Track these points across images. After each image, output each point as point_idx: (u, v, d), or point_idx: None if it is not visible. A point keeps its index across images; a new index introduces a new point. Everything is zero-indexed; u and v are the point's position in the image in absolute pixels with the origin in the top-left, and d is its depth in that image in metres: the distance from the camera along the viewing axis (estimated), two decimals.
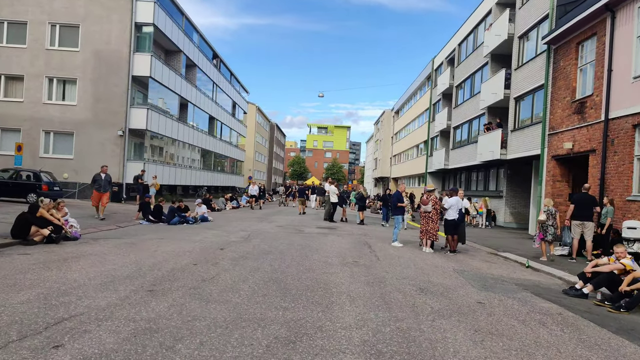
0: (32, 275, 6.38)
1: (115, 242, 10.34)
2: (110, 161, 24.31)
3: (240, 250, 9.73)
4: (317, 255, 9.53)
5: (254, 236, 12.57)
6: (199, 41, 34.82)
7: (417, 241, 13.63)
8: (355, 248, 11.18)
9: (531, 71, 19.99)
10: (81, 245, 9.66)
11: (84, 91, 24.71)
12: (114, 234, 12.18)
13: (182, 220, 15.87)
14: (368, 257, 9.69)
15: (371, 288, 6.60)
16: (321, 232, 14.66)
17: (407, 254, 10.69)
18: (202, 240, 11.15)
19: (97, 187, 15.20)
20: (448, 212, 11.79)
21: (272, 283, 6.57)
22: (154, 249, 9.35)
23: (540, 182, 18.30)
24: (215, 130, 40.34)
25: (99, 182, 15.21)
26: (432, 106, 39.62)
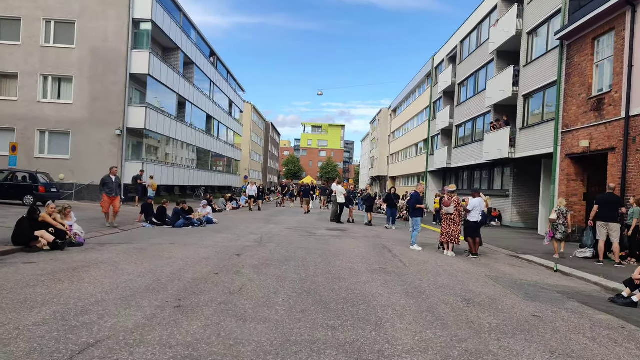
0: (43, 289, 5.79)
1: (124, 247, 9.74)
2: (108, 161, 23.62)
3: (258, 256, 9.17)
4: (339, 261, 8.99)
5: (267, 240, 12.01)
6: (197, 38, 34.13)
7: (433, 243, 13.15)
8: (375, 252, 10.66)
9: (542, 68, 19.57)
10: (88, 251, 9.06)
11: (80, 89, 23.98)
12: (118, 238, 11.57)
13: (187, 223, 15.28)
14: (393, 263, 9.17)
15: (414, 300, 6.07)
16: (334, 235, 14.13)
17: (431, 259, 10.18)
18: (214, 245, 10.57)
19: (107, 190, 13.78)
20: (471, 213, 11.31)
21: (306, 295, 6.03)
22: (167, 256, 8.77)
23: (554, 182, 17.89)
24: (212, 129, 39.67)
25: (109, 186, 13.80)
26: (432, 104, 39.19)
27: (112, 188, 13.78)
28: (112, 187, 13.78)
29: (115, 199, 13.86)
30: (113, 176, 14.09)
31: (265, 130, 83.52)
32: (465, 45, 31.05)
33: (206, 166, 38.39)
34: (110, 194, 13.73)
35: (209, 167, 39.36)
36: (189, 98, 31.84)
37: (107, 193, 13.72)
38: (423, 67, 43.38)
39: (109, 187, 13.76)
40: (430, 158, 38.01)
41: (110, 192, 13.74)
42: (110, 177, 14.04)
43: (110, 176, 14.06)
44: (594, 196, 16.71)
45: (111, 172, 14.21)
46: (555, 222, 11.91)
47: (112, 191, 13.77)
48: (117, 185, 14.21)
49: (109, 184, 13.80)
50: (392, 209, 18.59)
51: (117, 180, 14.26)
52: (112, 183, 13.84)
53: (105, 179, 13.95)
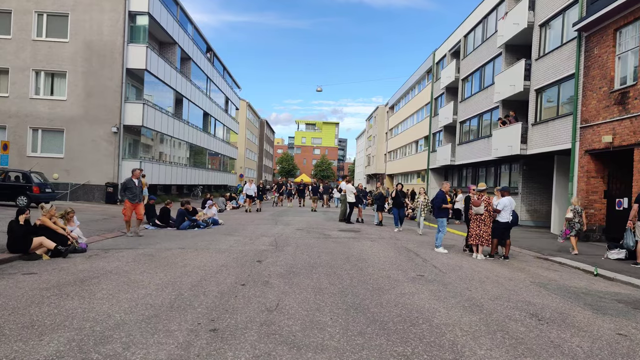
0: (50, 307, 4.97)
1: (131, 254, 8.91)
2: (104, 160, 22.75)
3: (281, 262, 8.39)
4: (370, 268, 8.23)
5: (283, 243, 11.22)
6: (193, 33, 33.18)
7: (453, 244, 12.44)
8: (402, 256, 9.91)
9: (556, 61, 18.92)
10: (92, 259, 8.22)
11: (74, 85, 23.00)
12: (122, 242, 10.73)
13: (192, 224, 14.44)
14: (428, 269, 8.42)
15: (476, 316, 5.32)
16: (349, 237, 13.36)
17: (464, 263, 9.45)
18: (229, 250, 9.76)
19: (130, 196, 12.18)
20: (501, 213, 10.61)
21: (354, 312, 5.26)
22: (181, 263, 7.96)
23: (572, 179, 17.25)
24: (209, 126, 38.75)
25: (132, 190, 12.22)
26: (433, 100, 38.53)
27: (136, 193, 12.25)
28: (136, 192, 12.24)
29: (139, 205, 12.37)
30: (136, 179, 12.43)
31: (260, 128, 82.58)
32: (469, 40, 30.37)
33: (203, 164, 37.47)
34: (133, 199, 12.21)
35: (206, 165, 38.44)
36: (186, 94, 30.91)
37: (130, 199, 12.16)
38: (423, 63, 42.70)
39: (131, 192, 12.21)
40: (432, 155, 37.36)
41: (133, 198, 12.21)
42: (132, 180, 12.37)
43: (132, 179, 12.40)
44: (615, 194, 16.22)
45: (134, 175, 12.50)
46: (571, 220, 12.25)
47: (135, 197, 12.25)
48: (140, 190, 12.72)
49: (132, 188, 12.26)
50: (398, 209, 16.74)
51: (140, 184, 12.71)
52: (135, 187, 12.29)
53: (127, 183, 12.36)
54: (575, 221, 12.21)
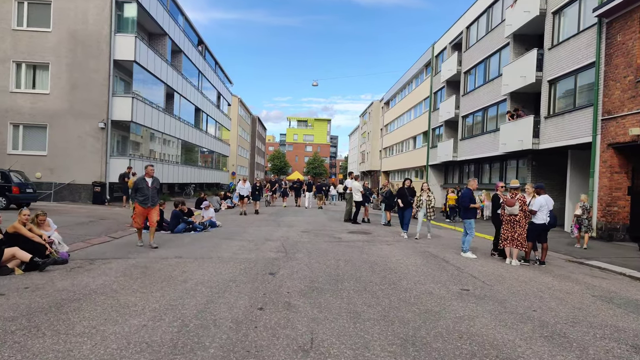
0: (13, 350, 3.70)
1: (121, 265, 7.63)
2: (90, 157, 21.33)
3: (297, 274, 7.16)
4: (404, 281, 7.03)
5: (292, 249, 9.98)
6: (184, 24, 31.70)
7: (474, 247, 11.29)
8: (431, 264, 8.73)
9: (573, 49, 17.85)
10: (75, 272, 6.93)
11: (58, 78, 21.50)
12: (110, 249, 9.43)
13: (188, 227, 13.15)
14: (469, 281, 7.25)
15: (572, 354, 4.14)
16: (363, 240, 12.16)
17: (502, 272, 8.29)
18: (234, 259, 8.51)
19: (141, 198, 9.86)
20: (537, 214, 9.47)
21: (415, 350, 4.06)
22: (181, 278, 6.70)
23: (592, 174, 16.21)
24: (201, 123, 37.28)
25: (143, 192, 9.86)
26: (432, 95, 37.44)
27: (147, 195, 9.87)
28: (147, 194, 9.87)
29: (152, 210, 10.04)
30: (149, 178, 10.06)
31: (252, 125, 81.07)
32: (472, 31, 29.27)
33: (195, 162, 36.04)
34: (145, 203, 9.87)
35: (198, 163, 37.02)
36: (177, 89, 29.46)
37: (141, 202, 9.85)
38: (421, 57, 41.58)
39: (142, 194, 9.84)
40: (432, 151, 36.29)
41: (145, 201, 9.87)
42: (144, 179, 10.03)
43: (145, 178, 10.05)
44: None
45: (147, 173, 10.11)
46: (580, 217, 12.67)
47: (147, 199, 9.88)
48: (156, 191, 10.16)
49: (143, 189, 9.88)
50: (404, 209, 13.56)
51: (155, 183, 10.18)
52: (148, 188, 9.93)
53: (138, 183, 10.03)
54: (584, 217, 12.55)
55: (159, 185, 10.36)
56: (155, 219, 10.26)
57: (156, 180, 10.28)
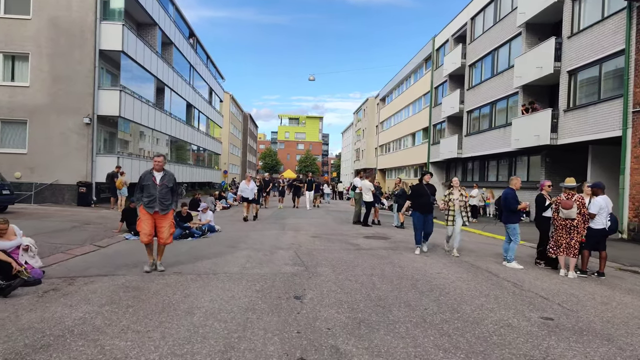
0: None
1: (106, 285, 6.16)
2: (75, 155, 19.70)
3: (331, 299, 5.71)
4: (465, 305, 5.62)
5: (310, 260, 8.53)
6: (175, 15, 30.02)
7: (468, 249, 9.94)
8: (479, 278, 7.36)
9: (597, 37, 16.61)
10: (48, 299, 5.44)
11: (38, 69, 19.81)
12: (95, 263, 7.92)
13: (185, 233, 11.65)
14: (541, 303, 5.88)
15: None
16: (384, 247, 10.75)
17: (569, 288, 6.95)
18: (244, 274, 7.06)
19: (147, 199, 7.22)
20: (595, 218, 8.14)
21: None
22: (184, 306, 5.24)
23: (623, 171, 14.98)
24: (192, 119, 35.61)
25: (150, 190, 7.22)
26: (433, 90, 36.14)
27: (154, 196, 7.18)
28: (154, 195, 7.18)
29: (163, 218, 7.31)
30: (158, 173, 7.36)
31: (244, 122, 79.35)
32: (477, 22, 27.98)
33: (186, 160, 34.38)
34: (151, 206, 7.18)
35: (189, 161, 35.35)
36: (168, 83, 27.80)
37: (147, 205, 7.22)
38: (420, 51, 40.27)
39: (148, 194, 7.22)
40: (434, 148, 35.01)
41: (151, 204, 7.18)
42: (152, 173, 7.35)
43: (152, 172, 7.37)
44: None
45: (155, 165, 7.37)
46: None
47: (153, 201, 7.18)
48: (168, 191, 7.36)
49: (149, 187, 7.24)
50: (427, 214, 9.95)
51: (167, 180, 7.38)
52: (155, 186, 7.22)
53: (143, 179, 7.36)
54: None
55: (172, 184, 7.40)
56: (168, 234, 7.38)
57: (168, 175, 7.43)
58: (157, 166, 7.37)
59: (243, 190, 17.06)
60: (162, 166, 7.41)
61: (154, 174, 7.35)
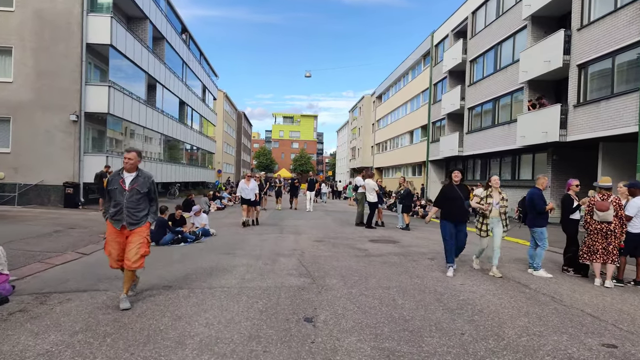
0: None
1: (84, 305, 5.26)
2: (61, 155, 18.72)
3: (349, 322, 4.84)
4: (507, 328, 4.77)
5: (316, 270, 7.65)
6: (167, 9, 29.01)
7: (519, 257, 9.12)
8: (510, 291, 6.52)
9: (609, 29, 15.87)
10: (13, 325, 4.55)
11: (22, 64, 18.80)
12: (75, 274, 7.01)
13: (177, 238, 10.75)
14: (593, 324, 5.05)
15: None
16: (395, 252, 9.90)
17: (614, 302, 6.13)
18: (244, 288, 6.18)
19: (114, 209, 5.49)
20: (632, 220, 7.34)
21: None
22: (174, 333, 4.36)
23: (639, 169, 14.23)
24: (185, 117, 34.59)
25: (116, 197, 5.50)
26: (432, 86, 35.35)
27: (121, 204, 5.43)
28: (121, 202, 5.44)
29: (132, 234, 5.49)
30: (129, 174, 5.58)
31: (238, 121, 78.27)
32: (479, 16, 27.19)
33: (179, 159, 33.37)
34: (117, 219, 5.46)
35: (182, 160, 34.35)
36: (160, 79, 26.80)
37: (112, 217, 5.50)
38: (418, 47, 39.45)
39: (115, 202, 5.50)
40: (433, 146, 34.23)
41: (118, 215, 5.45)
42: (120, 174, 5.60)
43: (121, 173, 5.61)
44: None
45: (124, 165, 5.57)
46: None
47: (120, 211, 5.44)
48: (141, 198, 5.54)
49: (115, 192, 5.51)
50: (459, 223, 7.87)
51: (139, 184, 5.53)
52: (123, 192, 5.47)
53: (110, 181, 5.63)
54: None
55: (147, 188, 5.57)
56: (136, 255, 5.39)
57: (143, 177, 5.59)
58: (128, 165, 5.52)
59: (242, 190, 14.90)
60: (134, 165, 5.57)
61: (123, 176, 5.55)
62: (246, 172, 16.14)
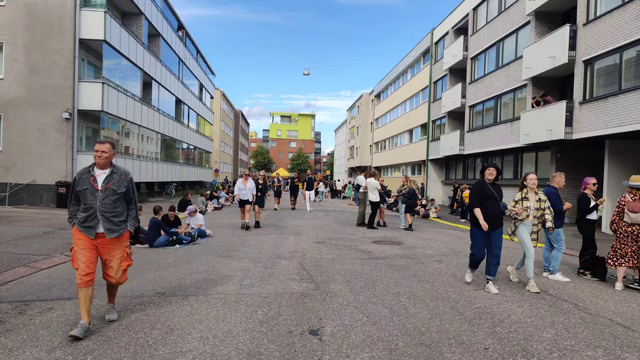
0: None
1: (67, 316, 4.80)
2: (54, 154, 18.20)
3: (358, 335, 4.37)
4: (535, 342, 4.31)
5: (319, 274, 7.19)
6: (162, 5, 28.47)
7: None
8: (530, 299, 6.07)
9: (616, 23, 15.43)
10: None
11: (13, 60, 18.28)
12: (61, 280, 6.53)
13: (172, 240, 10.27)
14: (628, 338, 4.59)
15: None
16: (400, 254, 9.44)
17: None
18: (242, 295, 5.71)
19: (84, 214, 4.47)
20: None
21: None
22: (164, 350, 3.89)
23: None
24: (182, 116, 34.06)
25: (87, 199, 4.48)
26: (432, 84, 34.91)
27: (94, 208, 4.45)
28: (93, 206, 4.45)
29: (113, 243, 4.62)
30: (102, 171, 4.59)
31: (235, 120, 77.70)
32: (480, 12, 26.75)
33: (176, 159, 32.84)
34: (89, 226, 4.47)
35: (179, 159, 33.82)
36: (155, 77, 26.28)
37: (82, 224, 4.47)
38: (418, 44, 39.01)
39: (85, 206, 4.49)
40: (433, 144, 33.78)
41: (89, 221, 4.46)
42: (91, 172, 4.58)
43: (92, 170, 4.60)
44: None
45: (95, 160, 4.57)
46: None
47: (93, 216, 4.46)
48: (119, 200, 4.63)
49: (85, 194, 4.48)
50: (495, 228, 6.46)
51: (114, 182, 4.59)
52: (94, 193, 4.48)
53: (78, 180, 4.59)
54: None
55: (125, 188, 4.67)
56: (119, 269, 4.68)
57: (119, 175, 4.67)
58: (101, 160, 4.52)
59: (239, 190, 13.64)
60: (108, 159, 4.58)
61: (94, 173, 4.55)
62: (244, 171, 15.21)
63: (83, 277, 4.37)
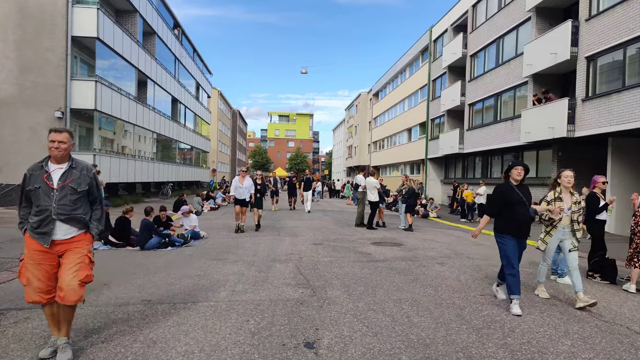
0: None
1: (44, 327, 4.44)
2: (46, 153, 17.65)
3: (358, 349, 4.03)
4: (551, 355, 3.97)
5: (316, 278, 6.84)
6: (157, 3, 28.07)
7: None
8: (540, 306, 5.72)
9: (618, 19, 15.14)
10: None
11: (4, 58, 17.90)
12: None
13: (164, 242, 9.91)
14: None
15: None
16: (401, 257, 9.09)
17: None
18: (234, 302, 5.35)
19: (37, 217, 3.69)
20: None
21: None
22: None
23: None
24: (178, 115, 33.65)
25: (39, 200, 3.71)
26: (431, 82, 34.57)
27: (48, 209, 3.69)
28: (48, 207, 3.69)
29: (71, 248, 3.79)
30: (57, 166, 3.81)
31: (233, 119, 77.26)
32: (480, 9, 26.41)
33: (172, 158, 32.45)
34: (43, 232, 3.68)
35: (175, 159, 33.43)
36: (151, 75, 25.88)
37: (34, 230, 3.70)
38: (416, 42, 38.64)
39: (38, 207, 3.71)
40: (432, 143, 33.44)
41: (43, 226, 3.68)
42: (44, 167, 3.79)
43: (46, 165, 3.82)
44: None
45: (51, 152, 3.80)
46: None
47: (47, 220, 3.68)
48: (81, 200, 3.86)
49: (38, 193, 3.69)
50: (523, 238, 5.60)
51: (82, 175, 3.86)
52: (49, 192, 3.70)
53: (29, 178, 3.80)
54: None
55: (87, 186, 3.90)
56: (76, 281, 3.67)
57: (80, 170, 3.92)
58: (58, 152, 3.80)
59: (236, 188, 12.47)
60: (66, 152, 3.86)
61: (49, 168, 3.81)
62: (241, 169, 14.56)
63: (38, 292, 3.68)
